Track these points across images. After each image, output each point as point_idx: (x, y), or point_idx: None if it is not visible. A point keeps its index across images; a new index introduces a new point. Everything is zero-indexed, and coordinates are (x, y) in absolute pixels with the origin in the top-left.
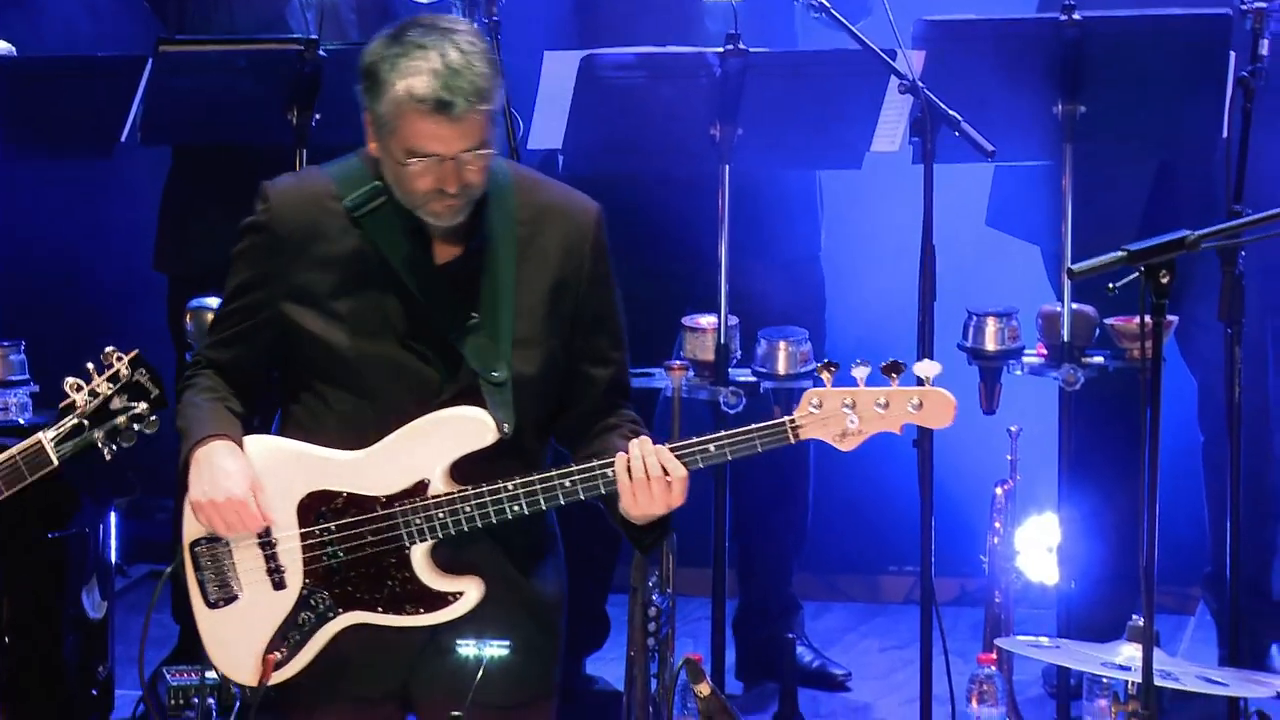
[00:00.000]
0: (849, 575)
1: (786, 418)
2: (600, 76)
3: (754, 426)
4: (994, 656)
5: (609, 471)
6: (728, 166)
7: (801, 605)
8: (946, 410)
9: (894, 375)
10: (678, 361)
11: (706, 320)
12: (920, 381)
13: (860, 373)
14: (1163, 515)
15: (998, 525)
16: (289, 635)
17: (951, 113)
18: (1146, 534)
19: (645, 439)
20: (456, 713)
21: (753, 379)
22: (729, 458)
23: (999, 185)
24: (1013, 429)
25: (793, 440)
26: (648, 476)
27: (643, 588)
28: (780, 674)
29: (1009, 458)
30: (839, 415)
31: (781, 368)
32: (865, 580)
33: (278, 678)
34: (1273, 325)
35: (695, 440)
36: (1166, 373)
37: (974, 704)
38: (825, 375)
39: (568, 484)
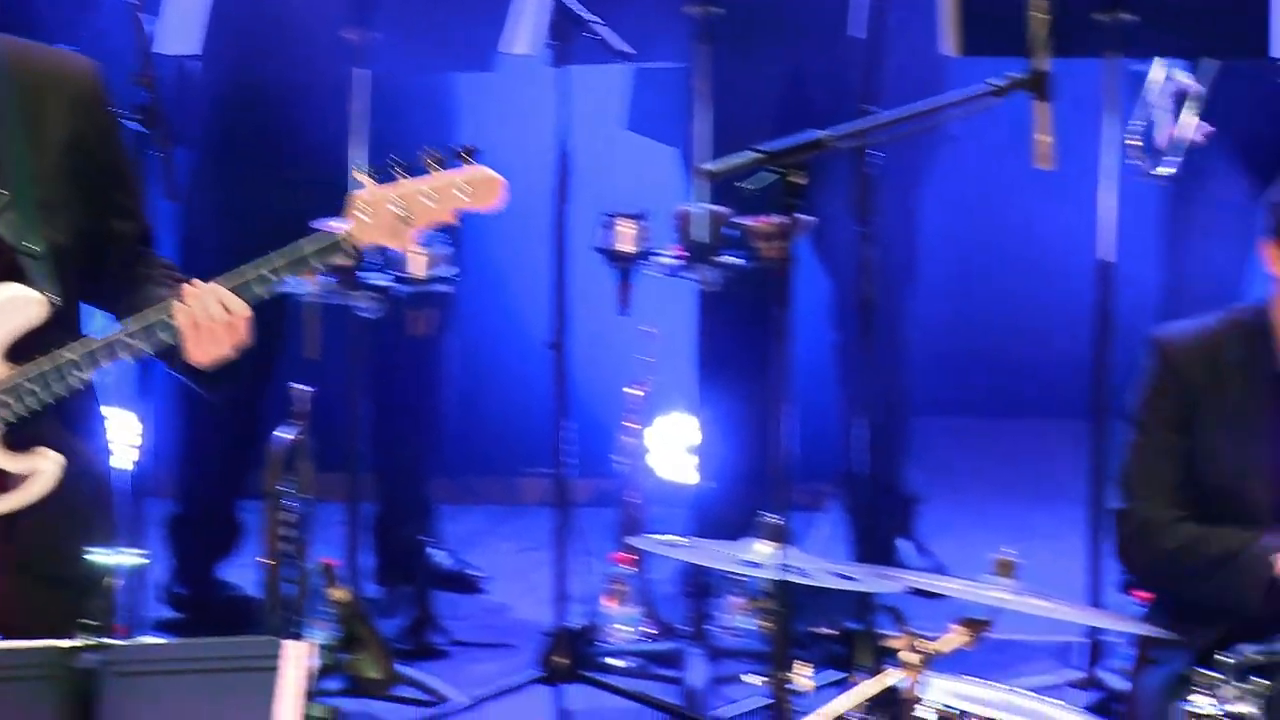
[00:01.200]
0: (485, 478)
1: (340, 228)
2: None
3: (305, 243)
4: (629, 556)
5: (168, 319)
6: (362, 71)
7: (437, 508)
8: (495, 189)
9: (434, 165)
10: None
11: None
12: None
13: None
14: (798, 413)
15: (633, 426)
16: None
17: (587, 15)
18: (781, 432)
19: (199, 284)
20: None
21: (389, 283)
22: (288, 276)
23: (638, 88)
24: (648, 329)
25: (350, 250)
26: (211, 321)
27: (278, 493)
28: (417, 577)
29: (645, 359)
30: (389, 215)
31: (417, 270)
32: (501, 482)
33: None
34: (904, 224)
35: (248, 268)
36: (801, 272)
37: (610, 603)
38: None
39: (128, 340)
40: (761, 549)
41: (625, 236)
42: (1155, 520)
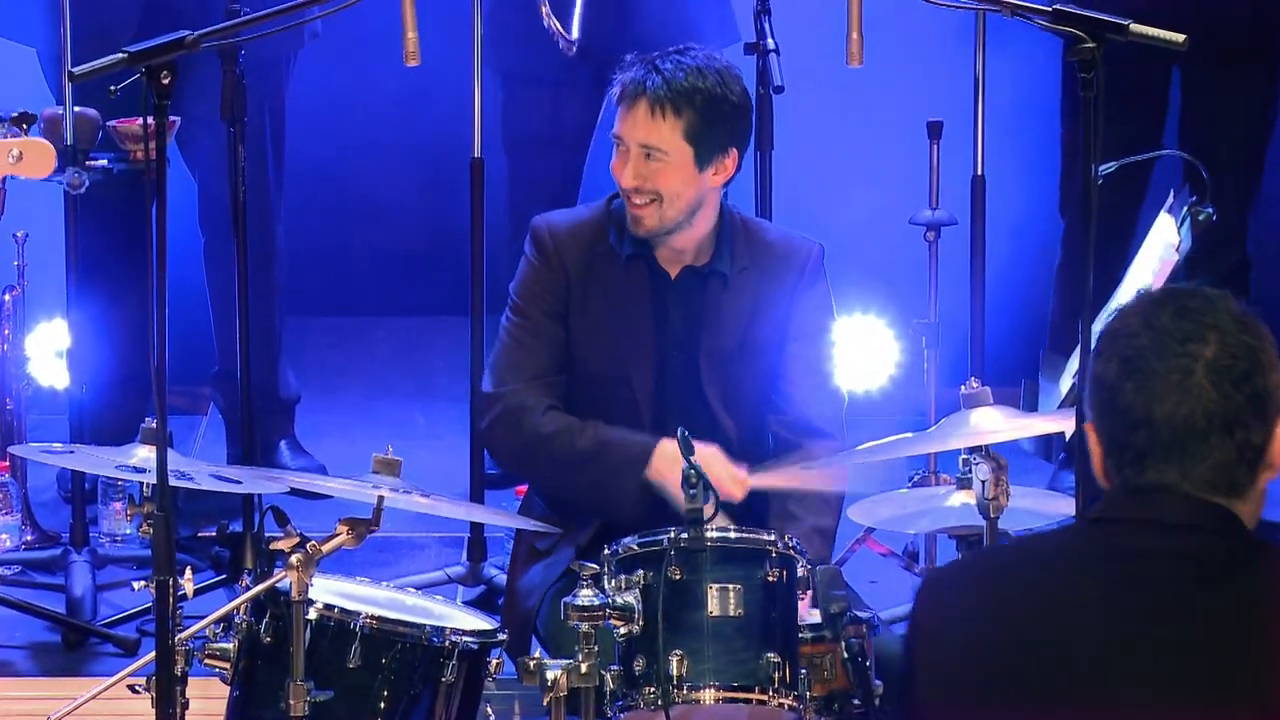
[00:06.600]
0: None
1: None
2: None
3: None
4: (6, 464)
5: None
6: None
7: None
8: (47, 159)
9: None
10: None
11: None
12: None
13: None
14: (170, 315)
15: (6, 332)
16: None
17: None
18: (157, 335)
19: None
20: None
21: None
22: None
23: None
24: (19, 234)
25: None
26: None
27: None
28: None
29: (16, 264)
30: None
31: None
32: None
33: None
34: (270, 123)
35: None
36: (171, 174)
37: None
38: None
39: None
40: (141, 453)
41: None
42: (527, 405)
